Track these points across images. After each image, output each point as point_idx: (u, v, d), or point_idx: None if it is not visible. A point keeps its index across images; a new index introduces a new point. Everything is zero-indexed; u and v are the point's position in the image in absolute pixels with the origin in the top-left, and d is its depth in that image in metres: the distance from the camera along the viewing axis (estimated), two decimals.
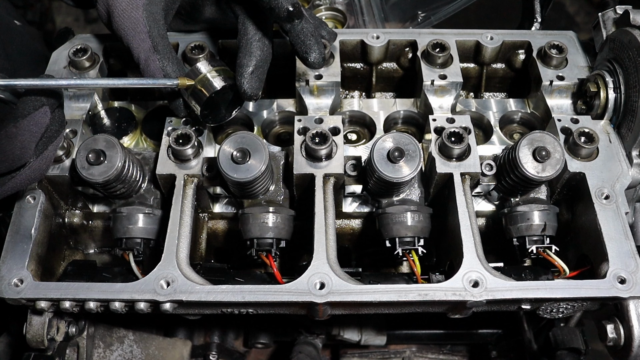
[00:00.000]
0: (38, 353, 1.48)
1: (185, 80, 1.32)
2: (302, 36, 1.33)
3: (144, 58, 1.36)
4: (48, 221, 1.42)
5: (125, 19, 1.36)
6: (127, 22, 1.36)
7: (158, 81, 1.33)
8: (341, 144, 1.42)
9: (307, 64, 1.37)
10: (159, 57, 1.35)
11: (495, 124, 1.62)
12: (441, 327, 2.08)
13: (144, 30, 1.35)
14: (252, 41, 1.36)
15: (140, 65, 1.37)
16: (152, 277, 1.26)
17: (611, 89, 1.49)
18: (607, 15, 1.57)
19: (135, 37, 1.36)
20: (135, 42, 1.36)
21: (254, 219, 1.38)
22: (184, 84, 1.32)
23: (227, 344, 2.01)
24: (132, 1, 1.36)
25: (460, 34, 1.68)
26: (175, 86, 1.32)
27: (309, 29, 1.33)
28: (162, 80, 1.33)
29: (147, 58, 1.35)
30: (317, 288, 1.24)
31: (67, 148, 1.42)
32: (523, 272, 1.38)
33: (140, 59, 1.37)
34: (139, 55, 1.36)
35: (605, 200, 1.36)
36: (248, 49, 1.35)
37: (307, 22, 1.34)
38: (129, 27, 1.36)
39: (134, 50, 1.37)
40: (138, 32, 1.36)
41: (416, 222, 1.38)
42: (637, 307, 1.29)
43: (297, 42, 1.34)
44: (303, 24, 1.32)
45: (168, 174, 1.39)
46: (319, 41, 1.36)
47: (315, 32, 1.35)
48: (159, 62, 1.35)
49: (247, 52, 1.35)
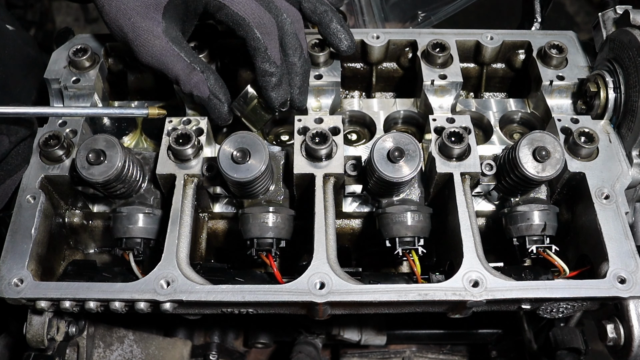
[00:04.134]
0: (38, 353, 1.48)
1: (155, 110, 1.36)
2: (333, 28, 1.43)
3: (185, 74, 1.36)
4: (48, 221, 1.42)
5: (151, 48, 1.35)
6: (154, 50, 1.35)
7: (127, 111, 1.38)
8: (341, 144, 1.42)
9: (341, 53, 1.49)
10: (200, 68, 1.37)
11: (495, 124, 1.62)
12: (441, 327, 2.08)
13: (174, 53, 1.35)
14: None
15: (181, 82, 1.38)
16: (152, 277, 1.26)
17: (611, 89, 1.49)
18: (607, 15, 1.57)
19: (167, 62, 1.36)
20: (169, 65, 1.36)
21: (254, 219, 1.38)
22: (154, 114, 1.35)
23: (227, 344, 2.01)
24: (150, 31, 1.35)
25: (460, 34, 1.68)
26: (145, 115, 1.34)
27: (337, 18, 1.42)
28: (131, 110, 1.39)
29: (188, 74, 1.36)
30: (317, 288, 1.24)
31: (67, 148, 1.42)
32: (523, 272, 1.38)
33: (179, 76, 1.37)
34: (177, 74, 1.37)
35: (605, 200, 1.36)
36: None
37: (334, 12, 1.42)
38: (158, 54, 1.35)
39: (169, 72, 1.37)
40: (168, 56, 1.35)
41: (416, 222, 1.38)
42: (637, 307, 1.29)
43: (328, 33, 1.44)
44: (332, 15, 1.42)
45: (168, 173, 1.39)
46: (348, 29, 1.45)
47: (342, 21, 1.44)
48: (203, 75, 1.37)
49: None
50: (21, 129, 1.25)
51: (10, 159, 1.30)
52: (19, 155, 1.29)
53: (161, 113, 1.35)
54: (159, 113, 1.34)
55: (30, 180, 1.40)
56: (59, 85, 1.55)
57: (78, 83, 1.55)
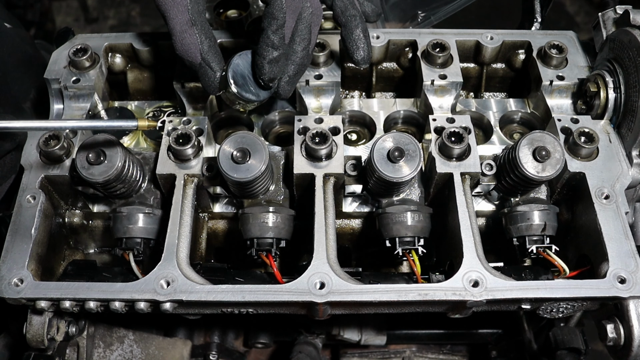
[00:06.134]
0: (38, 353, 1.48)
1: (145, 122, 1.31)
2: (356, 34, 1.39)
3: (180, 30, 1.30)
4: (48, 221, 1.42)
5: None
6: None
7: (116, 123, 1.32)
8: (341, 144, 1.42)
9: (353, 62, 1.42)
10: (197, 30, 1.31)
11: (495, 123, 1.62)
12: (441, 327, 2.08)
13: (184, 2, 1.29)
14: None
15: (173, 38, 1.32)
16: (152, 276, 1.26)
17: (611, 89, 1.49)
18: (607, 15, 1.57)
19: (173, 8, 1.30)
20: (172, 12, 1.30)
21: (254, 219, 1.38)
22: (143, 126, 1.31)
23: (227, 344, 2.01)
24: None
25: (460, 34, 1.68)
26: (135, 128, 1.30)
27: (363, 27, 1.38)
28: (120, 123, 1.32)
29: (184, 31, 1.30)
30: (317, 288, 1.24)
31: (67, 148, 1.42)
32: (523, 272, 1.39)
33: (175, 30, 1.31)
34: (174, 26, 1.31)
35: (605, 200, 1.36)
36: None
37: (362, 20, 1.39)
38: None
39: (169, 20, 1.31)
40: (177, 3, 1.29)
41: (416, 222, 1.38)
42: (637, 307, 1.29)
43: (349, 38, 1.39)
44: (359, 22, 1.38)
45: (168, 173, 1.39)
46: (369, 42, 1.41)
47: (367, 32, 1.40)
48: (197, 36, 1.31)
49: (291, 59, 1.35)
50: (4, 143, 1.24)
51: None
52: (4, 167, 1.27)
53: (151, 125, 1.32)
54: (149, 125, 1.31)
55: (30, 180, 1.40)
56: (59, 85, 1.55)
57: (78, 83, 1.55)
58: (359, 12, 1.41)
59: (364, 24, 1.41)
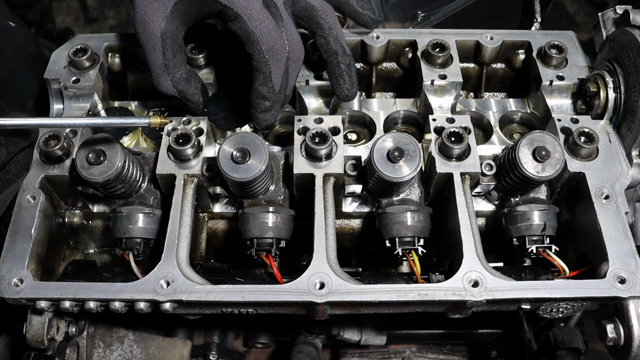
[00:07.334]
0: (38, 353, 1.48)
1: (157, 119, 1.36)
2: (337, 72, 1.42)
3: (155, 73, 1.39)
4: (48, 221, 1.42)
5: (143, 26, 1.35)
6: (146, 31, 1.35)
7: (129, 120, 1.38)
8: (341, 144, 1.42)
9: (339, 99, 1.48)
10: (170, 76, 1.38)
11: (495, 124, 1.62)
12: (441, 327, 2.08)
13: (157, 47, 1.35)
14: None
15: (152, 77, 1.40)
16: (152, 277, 1.26)
17: (611, 89, 1.49)
18: (607, 15, 1.57)
19: (149, 52, 1.36)
20: (149, 55, 1.37)
21: (254, 219, 1.38)
22: (156, 123, 1.36)
23: (227, 344, 2.01)
24: (153, 12, 1.34)
25: (460, 34, 1.68)
26: (147, 124, 1.35)
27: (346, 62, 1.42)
28: (133, 120, 1.40)
29: (158, 75, 1.38)
30: (317, 288, 1.24)
31: (67, 148, 1.42)
32: (523, 272, 1.38)
33: (152, 72, 1.39)
34: (151, 68, 1.39)
35: (605, 200, 1.36)
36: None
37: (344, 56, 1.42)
38: (145, 37, 1.35)
39: (147, 60, 1.38)
40: (151, 45, 1.35)
41: (416, 222, 1.38)
42: (637, 307, 1.29)
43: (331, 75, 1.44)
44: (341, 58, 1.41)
45: (168, 173, 1.39)
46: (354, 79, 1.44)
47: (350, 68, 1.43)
48: (170, 82, 1.39)
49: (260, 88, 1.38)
50: (20, 140, 1.25)
51: (8, 167, 1.29)
52: (18, 164, 1.29)
53: (163, 122, 1.35)
54: (161, 122, 1.34)
55: (30, 180, 1.40)
56: (59, 85, 1.55)
57: (78, 83, 1.55)
58: (341, 46, 1.42)
59: (348, 58, 1.43)
